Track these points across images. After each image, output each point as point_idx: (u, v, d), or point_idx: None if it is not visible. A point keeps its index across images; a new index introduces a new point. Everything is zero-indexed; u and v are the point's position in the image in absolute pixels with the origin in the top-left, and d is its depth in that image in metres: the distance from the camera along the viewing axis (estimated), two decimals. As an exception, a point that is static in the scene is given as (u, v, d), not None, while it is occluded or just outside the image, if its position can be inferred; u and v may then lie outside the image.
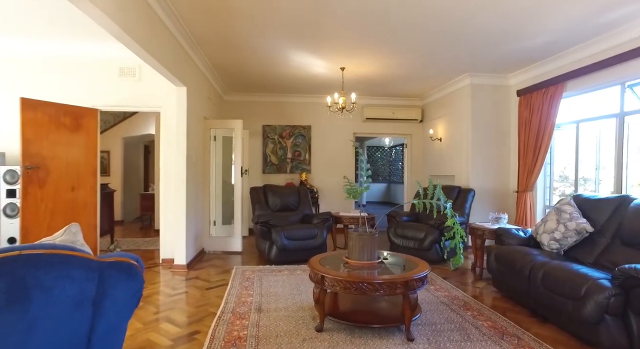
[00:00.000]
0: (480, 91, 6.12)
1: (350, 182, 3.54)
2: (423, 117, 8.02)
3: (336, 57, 5.23)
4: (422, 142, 8.17)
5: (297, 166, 7.91)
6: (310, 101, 7.88)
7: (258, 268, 4.75)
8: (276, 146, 7.86)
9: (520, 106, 5.76)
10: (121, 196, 8.61)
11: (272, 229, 4.99)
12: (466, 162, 6.22)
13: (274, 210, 5.64)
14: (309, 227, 5.16)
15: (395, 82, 6.59)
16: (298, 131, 7.90)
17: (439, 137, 7.17)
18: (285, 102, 7.86)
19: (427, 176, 7.83)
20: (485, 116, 6.14)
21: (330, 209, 7.79)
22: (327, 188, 7.94)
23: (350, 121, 7.99)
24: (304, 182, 7.61)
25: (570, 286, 2.69)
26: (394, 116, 7.88)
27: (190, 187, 4.88)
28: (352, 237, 3.09)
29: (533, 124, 5.44)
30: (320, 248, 5.17)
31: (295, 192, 5.90)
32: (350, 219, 5.49)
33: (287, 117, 7.90)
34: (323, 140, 7.98)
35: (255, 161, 7.80)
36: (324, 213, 5.46)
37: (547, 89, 5.18)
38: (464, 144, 6.28)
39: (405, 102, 8.10)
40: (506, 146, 6.19)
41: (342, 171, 8.03)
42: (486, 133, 6.14)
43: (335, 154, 8.01)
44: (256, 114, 7.78)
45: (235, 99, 7.70)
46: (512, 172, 6.10)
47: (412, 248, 5.20)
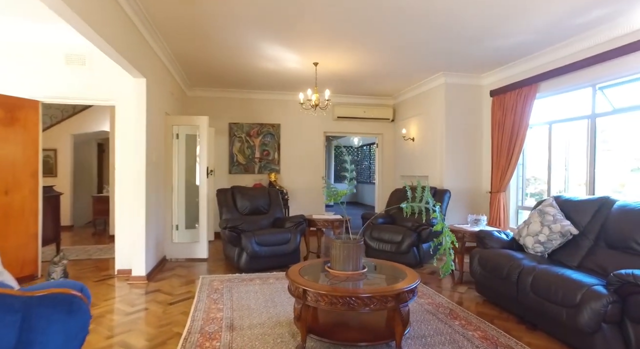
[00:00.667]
0: (454, 91, 6.07)
1: (330, 184, 3.28)
2: (395, 117, 7.92)
3: (310, 52, 4.94)
4: (393, 141, 8.07)
5: (265, 166, 7.55)
6: (280, 98, 7.54)
7: (227, 277, 4.37)
8: (243, 145, 7.46)
9: (494, 107, 5.76)
10: (71, 199, 7.84)
11: (242, 234, 4.62)
12: (440, 163, 6.15)
13: (243, 213, 5.27)
14: (281, 232, 4.85)
15: (369, 79, 6.41)
16: (267, 129, 7.54)
17: (411, 137, 7.08)
18: (253, 99, 7.48)
19: (398, 177, 7.75)
20: (459, 115, 6.10)
21: (300, 211, 7.50)
22: (297, 189, 7.64)
23: (321, 120, 7.74)
24: (273, 183, 7.27)
25: (564, 292, 2.58)
26: (366, 114, 7.71)
27: (150, 189, 4.42)
28: (335, 245, 2.82)
29: (507, 124, 5.44)
30: (294, 254, 4.87)
31: (265, 194, 5.56)
32: (324, 222, 5.23)
33: (256, 115, 7.52)
34: (293, 139, 7.67)
35: (222, 160, 7.36)
36: (297, 216, 5.16)
37: (520, 89, 5.19)
38: (438, 144, 6.21)
39: (377, 101, 7.97)
40: (478, 147, 6.19)
41: (313, 171, 7.76)
42: (460, 133, 6.11)
43: (306, 153, 7.73)
44: (222, 111, 7.33)
45: (200, 95, 7.22)
46: (485, 172, 6.10)
47: (389, 252, 5.02)
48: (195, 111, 7.00)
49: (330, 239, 2.72)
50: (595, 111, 4.35)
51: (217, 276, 4.45)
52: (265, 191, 5.60)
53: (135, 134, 4.22)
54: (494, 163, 5.71)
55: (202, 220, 5.39)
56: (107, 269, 4.67)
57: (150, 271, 4.39)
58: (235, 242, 4.65)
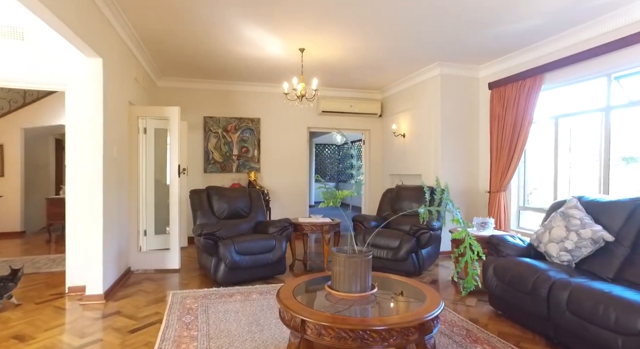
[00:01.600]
0: (450, 83, 5.65)
1: (327, 186, 2.76)
2: (383, 112, 7.45)
3: (295, 35, 4.38)
4: (381, 138, 7.61)
5: (244, 164, 6.92)
6: (260, 90, 6.93)
7: (202, 292, 3.75)
8: (220, 141, 6.80)
9: (493, 100, 5.37)
10: (21, 202, 6.94)
11: (220, 242, 4.01)
12: (435, 161, 5.72)
13: (220, 217, 4.64)
14: (265, 238, 4.26)
15: (357, 70, 5.90)
16: (245, 124, 6.91)
17: (402, 133, 6.63)
18: (231, 91, 6.83)
19: (387, 175, 7.29)
20: (455, 110, 5.69)
21: (283, 213, 6.93)
22: (279, 189, 7.05)
23: (305, 114, 7.18)
24: (252, 182, 6.66)
25: (618, 315, 2.14)
26: (352, 109, 7.21)
27: (109, 190, 3.74)
28: (338, 260, 2.28)
29: (507, 119, 5.06)
30: (279, 263, 4.29)
31: (245, 195, 4.95)
32: (312, 227, 4.68)
33: (233, 108, 6.87)
34: (274, 135, 7.08)
35: (196, 158, 6.67)
36: (282, 220, 4.58)
37: (524, 81, 4.81)
38: (433, 140, 5.77)
39: (365, 94, 7.48)
40: (475, 143, 5.80)
41: (296, 169, 7.20)
42: (455, 129, 5.69)
43: (288, 150, 7.15)
44: (196, 103, 6.65)
45: (171, 86, 6.50)
46: (483, 171, 5.72)
47: (385, 259, 4.54)
48: (166, 103, 6.29)
49: (333, 253, 2.17)
50: (610, 103, 4.00)
51: (191, 291, 3.82)
52: (245, 192, 4.99)
53: (91, 124, 3.54)
54: (493, 161, 5.32)
55: (173, 225, 4.73)
56: (58, 286, 3.95)
57: (110, 287, 3.72)
58: (212, 251, 4.03)
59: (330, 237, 4.73)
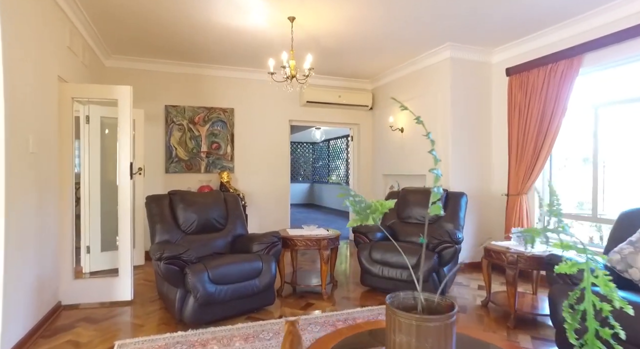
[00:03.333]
0: (461, 68, 4.85)
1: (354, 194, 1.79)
2: (374, 104, 6.59)
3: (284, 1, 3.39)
4: (371, 133, 6.74)
5: (215, 162, 5.82)
6: (234, 75, 5.85)
7: (163, 341, 2.68)
8: (185, 136, 5.66)
9: (512, 88, 4.62)
10: None
11: (188, 268, 2.94)
12: (443, 159, 4.91)
13: (187, 232, 3.55)
14: (249, 259, 3.23)
15: (352, 51, 4.98)
16: (216, 115, 5.81)
17: (400, 127, 5.78)
18: (199, 75, 5.70)
19: (379, 176, 6.43)
20: (466, 99, 4.90)
21: (262, 222, 5.90)
22: (256, 192, 6.00)
23: (286, 105, 6.18)
24: (225, 184, 5.57)
25: None
26: (341, 100, 6.29)
27: (20, 196, 2.58)
28: (404, 325, 1.32)
29: (532, 110, 4.31)
30: (267, 291, 3.28)
31: (220, 201, 3.88)
32: (306, 242, 3.69)
33: (202, 96, 5.75)
34: (251, 128, 6.02)
35: (155, 155, 5.49)
36: (268, 235, 3.55)
37: (555, 64, 4.07)
38: (440, 134, 4.95)
39: (355, 84, 6.58)
40: (487, 138, 5.04)
41: (276, 169, 6.18)
42: (466, 122, 4.90)
43: (268, 146, 6.12)
44: (156, 89, 5.48)
45: (124, 66, 5.29)
46: (497, 170, 4.96)
47: (398, 280, 3.65)
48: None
49: (391, 311, 1.14)
50: (673, 89, 3.33)
51: (146, 339, 2.73)
52: (219, 197, 3.92)
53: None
54: (513, 158, 4.57)
55: (124, 241, 3.57)
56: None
57: (18, 344, 2.55)
58: (177, 281, 2.95)
59: (329, 255, 3.77)
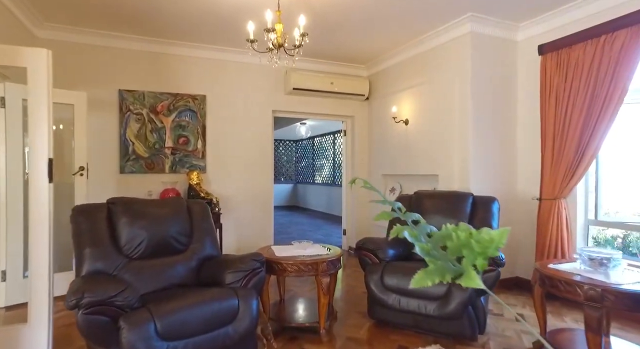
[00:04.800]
0: (482, 46, 4.01)
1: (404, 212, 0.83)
2: (370, 93, 5.70)
3: None
4: (367, 127, 5.84)
5: (183, 160, 4.79)
6: (206, 55, 4.84)
7: None
8: (145, 128, 4.61)
9: (546, 70, 3.79)
10: None
11: (124, 318, 1.94)
12: (462, 156, 4.05)
13: (132, 256, 2.53)
14: (219, 297, 2.25)
15: (349, 25, 4.06)
16: (184, 103, 4.79)
17: (403, 119, 4.90)
18: (163, 54, 4.67)
19: (378, 176, 5.53)
20: (489, 84, 4.06)
21: (240, 233, 4.93)
22: (234, 197, 5.01)
23: (269, 92, 5.23)
24: (194, 187, 4.56)
25: None
26: (333, 87, 5.37)
27: None
28: None
29: (575, 95, 3.50)
30: (245, 342, 2.31)
31: (181, 212, 2.86)
32: (299, 267, 2.73)
33: (166, 79, 4.72)
34: (226, 120, 5.02)
35: (105, 151, 4.42)
36: (248, 258, 2.57)
37: (610, 35, 3.25)
38: (457, 127, 4.09)
39: (348, 70, 5.67)
40: (512, 131, 4.21)
41: (258, 169, 5.21)
42: (489, 112, 4.06)
43: (247, 142, 5.14)
44: (107, 69, 4.41)
45: (62, 38, 4.20)
46: (523, 168, 4.14)
47: (421, 315, 2.75)
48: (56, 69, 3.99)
49: None
50: None
51: None
52: (181, 207, 2.90)
53: None
54: (547, 155, 3.75)
55: (37, 270, 2.49)
56: None
57: None
58: (105, 339, 1.94)
59: (328, 282, 2.82)
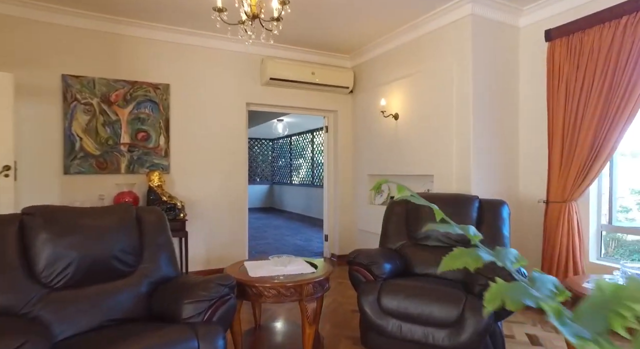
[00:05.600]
0: (484, 31, 3.58)
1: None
2: (355, 86, 5.20)
3: None
4: (352, 123, 5.35)
5: (142, 159, 4.14)
6: (170, 37, 4.21)
7: None
8: (96, 120, 3.93)
9: (554, 57, 3.39)
10: None
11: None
12: (461, 154, 3.60)
13: (55, 285, 1.90)
14: (168, 341, 1.68)
15: (333, 9, 3.54)
16: (144, 93, 4.14)
17: (393, 113, 4.43)
18: (118, 35, 4.00)
19: (364, 176, 5.04)
20: (491, 75, 3.63)
21: (209, 242, 4.33)
22: (202, 201, 4.39)
23: (242, 81, 4.64)
24: (155, 190, 3.92)
25: None
26: (314, 78, 4.84)
27: None
28: None
29: (589, 85, 3.11)
30: (207, 399, 1.74)
31: (127, 223, 2.24)
32: (278, 290, 2.19)
33: (122, 65, 4.05)
34: (194, 112, 4.40)
35: (45, 148, 3.72)
36: (213, 283, 1.99)
37: (633, 16, 2.87)
38: (455, 122, 3.65)
39: (331, 60, 5.15)
40: (514, 126, 3.81)
41: (230, 168, 4.61)
42: (490, 104, 3.64)
43: (217, 137, 4.54)
44: (47, 50, 3.72)
45: (-12, 10, 3.48)
46: (525, 168, 3.75)
47: (429, 344, 2.25)
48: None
49: None
50: None
51: None
52: (128, 216, 2.27)
53: None
54: (555, 154, 3.36)
55: None
56: None
57: None
58: None
59: (314, 308, 2.28)
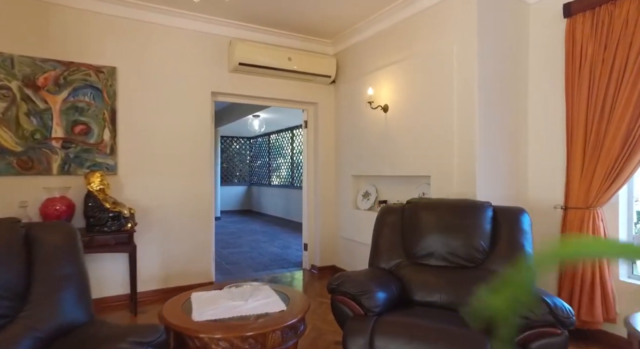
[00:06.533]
0: (490, 7, 3.01)
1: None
2: (337, 75, 4.58)
3: None
4: (334, 117, 4.73)
5: (81, 157, 3.39)
6: (117, 11, 3.47)
7: None
8: (17, 109, 3.17)
9: (574, 36, 2.85)
10: None
11: None
12: (464, 152, 3.02)
13: None
14: None
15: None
16: (82, 77, 3.39)
17: (382, 105, 3.82)
18: (47, 3, 3.24)
19: (347, 177, 4.42)
20: (497, 59, 3.07)
21: (166, 256, 3.62)
22: (157, 207, 3.67)
23: (207, 66, 3.95)
24: (95, 195, 3.18)
25: None
26: (291, 65, 4.19)
27: None
28: None
29: (620, 68, 2.58)
30: None
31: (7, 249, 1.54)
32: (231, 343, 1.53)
33: (53, 41, 3.30)
34: (147, 101, 3.68)
35: (-54, 142, 2.93)
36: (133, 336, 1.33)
37: (677, -16, 2.36)
38: (458, 113, 3.07)
39: (311, 45, 4.52)
40: (522, 120, 3.26)
41: (192, 168, 3.90)
42: (498, 95, 3.08)
43: (177, 132, 3.82)
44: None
45: None
46: (535, 169, 3.20)
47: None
48: None
49: None
50: None
51: None
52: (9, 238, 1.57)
53: None
54: (576, 152, 2.82)
55: None
56: None
57: None
58: None
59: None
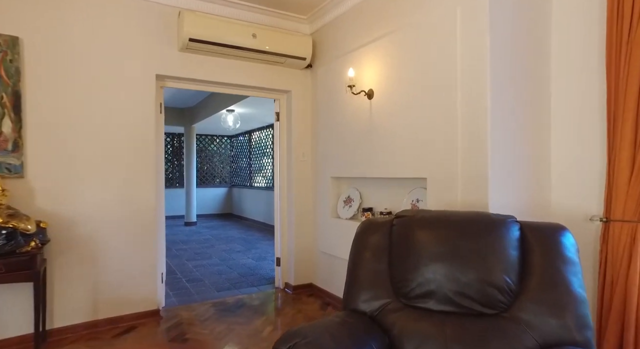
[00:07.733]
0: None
1: None
2: (314, 58, 3.84)
3: None
4: (311, 107, 3.98)
5: (-33, 154, 2.57)
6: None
7: None
8: None
9: None
10: None
11: None
12: (472, 149, 2.29)
13: None
14: None
15: None
16: (-22, 51, 2.58)
17: (366, 90, 3.07)
18: None
19: (326, 179, 3.67)
20: (514, 25, 2.34)
21: (99, 281, 2.82)
22: (88, 220, 2.86)
23: (148, 43, 3.16)
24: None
25: None
26: (257, 44, 3.42)
27: None
28: None
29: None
30: None
31: None
32: None
33: None
34: (69, 85, 2.86)
35: None
36: None
37: None
38: (461, 99, 2.33)
39: (282, 21, 3.76)
40: (545, 110, 2.53)
41: (131, 171, 3.10)
42: (513, 74, 2.35)
43: (111, 127, 3.02)
44: None
45: None
46: (557, 168, 2.48)
47: None
48: None
49: None
50: None
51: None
52: None
53: None
54: (622, 146, 2.09)
55: None
56: None
57: None
58: None
59: None
